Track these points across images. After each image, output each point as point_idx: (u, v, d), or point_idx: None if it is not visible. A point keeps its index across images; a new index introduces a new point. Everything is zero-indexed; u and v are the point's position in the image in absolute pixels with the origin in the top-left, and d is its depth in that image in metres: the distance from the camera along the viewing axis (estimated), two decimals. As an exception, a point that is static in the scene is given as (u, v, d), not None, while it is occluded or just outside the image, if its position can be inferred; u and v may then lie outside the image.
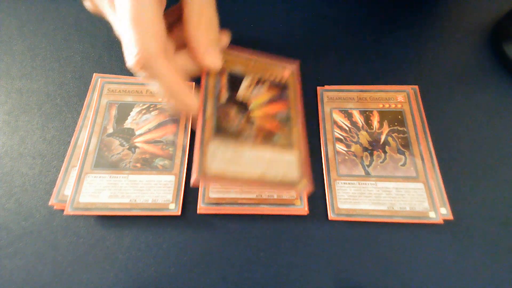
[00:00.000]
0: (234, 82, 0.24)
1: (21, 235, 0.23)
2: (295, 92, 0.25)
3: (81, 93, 0.28)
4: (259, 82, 0.25)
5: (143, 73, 0.20)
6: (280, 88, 0.25)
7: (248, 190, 0.23)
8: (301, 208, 0.23)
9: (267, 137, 0.22)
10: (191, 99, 0.21)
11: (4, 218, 0.23)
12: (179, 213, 0.23)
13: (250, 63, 0.25)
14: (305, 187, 0.21)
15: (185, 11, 0.22)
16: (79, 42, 0.30)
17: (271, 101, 0.24)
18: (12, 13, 0.32)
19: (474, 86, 0.29)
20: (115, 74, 0.29)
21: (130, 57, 0.19)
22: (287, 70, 0.26)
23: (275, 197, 0.23)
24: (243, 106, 0.23)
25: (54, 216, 0.23)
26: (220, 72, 0.24)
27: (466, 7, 0.33)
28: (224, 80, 0.24)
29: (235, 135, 0.22)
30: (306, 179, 0.21)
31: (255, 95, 0.24)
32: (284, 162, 0.22)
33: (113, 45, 0.30)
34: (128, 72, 0.29)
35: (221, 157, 0.21)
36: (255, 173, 0.21)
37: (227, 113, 0.23)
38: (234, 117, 0.23)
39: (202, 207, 0.23)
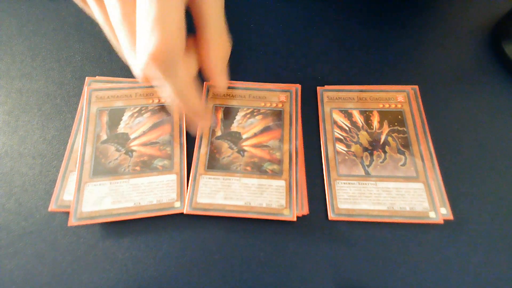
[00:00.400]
0: (229, 115, 0.26)
1: (21, 235, 0.23)
2: (290, 118, 0.26)
3: (81, 94, 0.28)
4: (254, 112, 0.27)
5: (157, 71, 0.18)
6: (276, 115, 0.27)
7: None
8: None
9: (256, 165, 0.24)
10: (200, 105, 0.22)
11: (4, 218, 0.23)
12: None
13: (246, 95, 0.27)
14: (290, 215, 0.23)
15: (206, 31, 0.22)
16: (79, 42, 0.30)
17: (265, 129, 0.26)
18: (12, 13, 0.32)
19: (474, 86, 0.29)
20: (115, 75, 0.29)
21: (147, 50, 0.17)
22: (282, 96, 0.27)
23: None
24: (237, 137, 0.25)
25: (54, 216, 0.23)
26: (216, 108, 0.27)
27: (466, 7, 0.33)
28: (220, 115, 0.26)
29: (226, 168, 0.24)
30: (292, 208, 0.23)
31: (249, 125, 0.26)
32: (271, 190, 0.24)
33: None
34: (128, 74, 0.29)
35: (210, 190, 0.23)
36: (241, 202, 0.23)
37: (220, 147, 0.25)
38: (226, 151, 0.25)
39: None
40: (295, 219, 0.23)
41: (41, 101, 0.27)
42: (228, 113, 0.26)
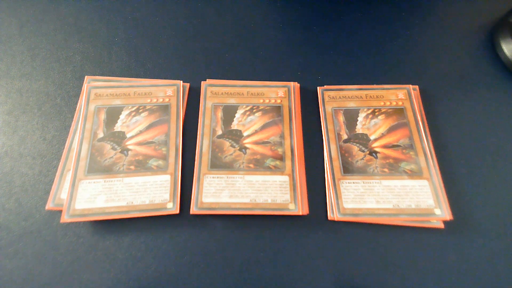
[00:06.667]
0: (229, 113, 0.27)
1: (21, 235, 0.23)
2: (290, 113, 0.27)
3: (81, 93, 0.28)
4: (253, 109, 0.27)
5: None
6: (275, 111, 0.27)
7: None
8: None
9: (259, 162, 0.25)
10: None
11: (4, 218, 0.23)
12: (177, 211, 0.23)
13: (244, 92, 0.27)
14: (295, 210, 0.23)
15: None
16: (79, 42, 0.30)
17: (265, 126, 0.26)
18: (12, 13, 0.32)
19: (474, 86, 0.29)
20: (115, 75, 0.28)
21: None
22: (280, 92, 0.27)
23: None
24: (237, 135, 0.26)
25: (54, 216, 0.23)
26: (215, 107, 0.27)
27: (465, 7, 0.33)
28: (219, 114, 0.26)
29: (229, 166, 0.24)
30: (297, 202, 0.23)
31: (249, 122, 0.26)
32: (275, 185, 0.24)
33: (113, 45, 0.30)
34: (128, 73, 0.29)
35: (215, 189, 0.24)
36: (247, 199, 0.23)
37: (221, 146, 0.25)
38: (228, 149, 0.25)
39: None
40: (300, 213, 0.23)
41: (41, 101, 0.27)
42: (227, 112, 0.26)
